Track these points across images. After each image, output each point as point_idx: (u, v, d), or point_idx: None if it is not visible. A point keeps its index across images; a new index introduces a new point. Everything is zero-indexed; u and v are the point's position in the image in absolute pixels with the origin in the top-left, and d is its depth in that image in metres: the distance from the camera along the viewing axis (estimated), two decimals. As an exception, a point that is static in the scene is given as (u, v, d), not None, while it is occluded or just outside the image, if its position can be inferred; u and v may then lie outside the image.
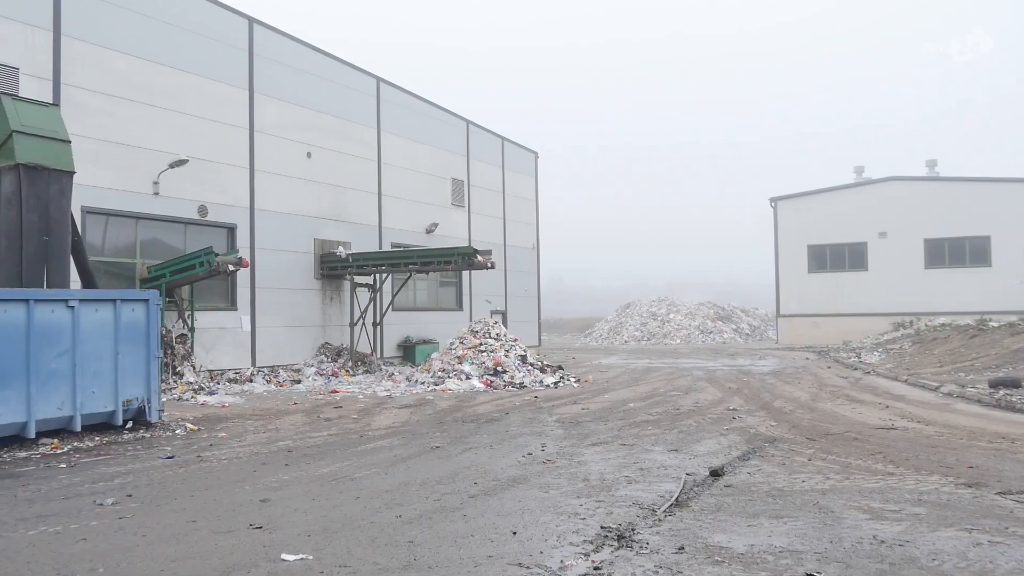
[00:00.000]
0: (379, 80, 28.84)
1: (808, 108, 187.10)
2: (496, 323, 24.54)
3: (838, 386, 20.01)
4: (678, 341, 51.55)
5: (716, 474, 9.05)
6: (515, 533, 6.66)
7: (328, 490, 8.46)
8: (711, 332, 53.29)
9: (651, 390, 19.66)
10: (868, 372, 24.20)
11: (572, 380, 21.99)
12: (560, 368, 23.76)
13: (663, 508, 7.47)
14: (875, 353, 30.15)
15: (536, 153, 40.67)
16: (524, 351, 23.04)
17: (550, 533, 6.66)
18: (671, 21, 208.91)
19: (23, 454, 10.82)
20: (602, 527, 6.81)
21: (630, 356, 36.21)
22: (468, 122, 34.50)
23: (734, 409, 15.48)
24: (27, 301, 11.29)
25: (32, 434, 11.24)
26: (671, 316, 56.07)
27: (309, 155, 25.14)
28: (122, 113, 19.50)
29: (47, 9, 18.03)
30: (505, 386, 20.49)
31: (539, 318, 40.64)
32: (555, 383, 21.08)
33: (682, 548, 6.17)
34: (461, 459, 10.34)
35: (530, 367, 22.16)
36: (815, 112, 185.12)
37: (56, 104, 16.04)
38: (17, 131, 12.21)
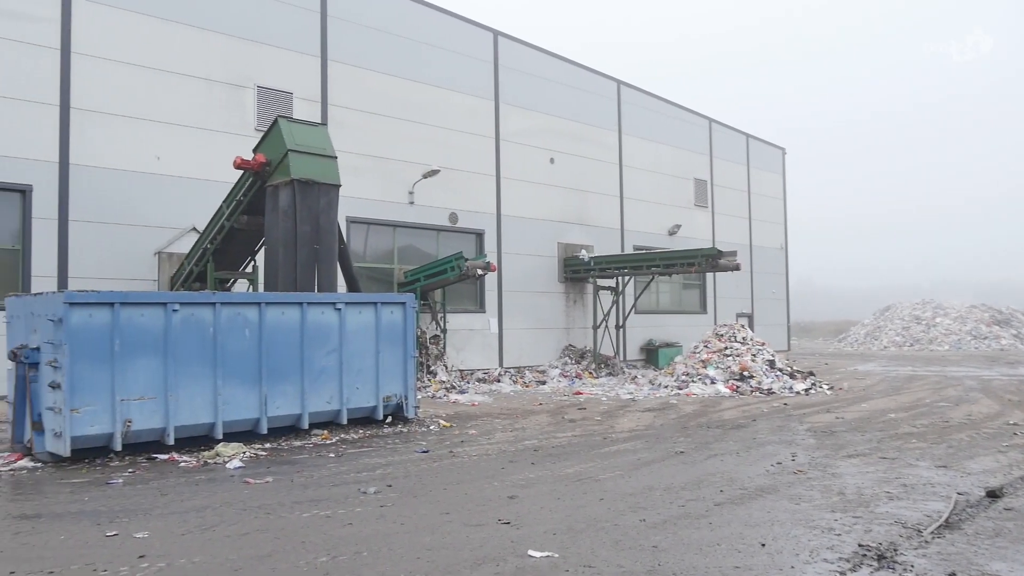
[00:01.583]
0: (619, 83, 28.91)
1: None
2: (742, 326, 23.74)
3: None
4: (946, 347, 47.30)
5: (994, 495, 8.14)
6: (764, 545, 6.37)
7: (573, 490, 8.54)
8: (985, 338, 48.37)
9: (915, 400, 18.16)
10: None
11: (825, 387, 20.80)
12: (811, 374, 22.55)
13: (931, 529, 6.83)
14: None
15: (783, 149, 39.00)
16: (772, 356, 22.11)
17: (802, 548, 6.30)
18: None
19: (298, 443, 11.85)
20: (860, 545, 6.34)
21: (890, 363, 33.71)
22: (711, 120, 33.72)
23: (1015, 424, 13.92)
24: (301, 304, 12.38)
25: (305, 425, 12.31)
26: (937, 320, 51.56)
27: (552, 160, 25.67)
28: (380, 128, 20.94)
29: (315, 37, 19.75)
30: (752, 392, 19.76)
31: (788, 321, 38.90)
32: (806, 390, 20.03)
33: (953, 575, 5.61)
34: (706, 465, 10.08)
35: (778, 372, 21.22)
36: None
37: (324, 123, 17.53)
38: (292, 150, 13.41)
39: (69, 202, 15.85)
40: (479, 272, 19.95)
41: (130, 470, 9.78)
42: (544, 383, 22.44)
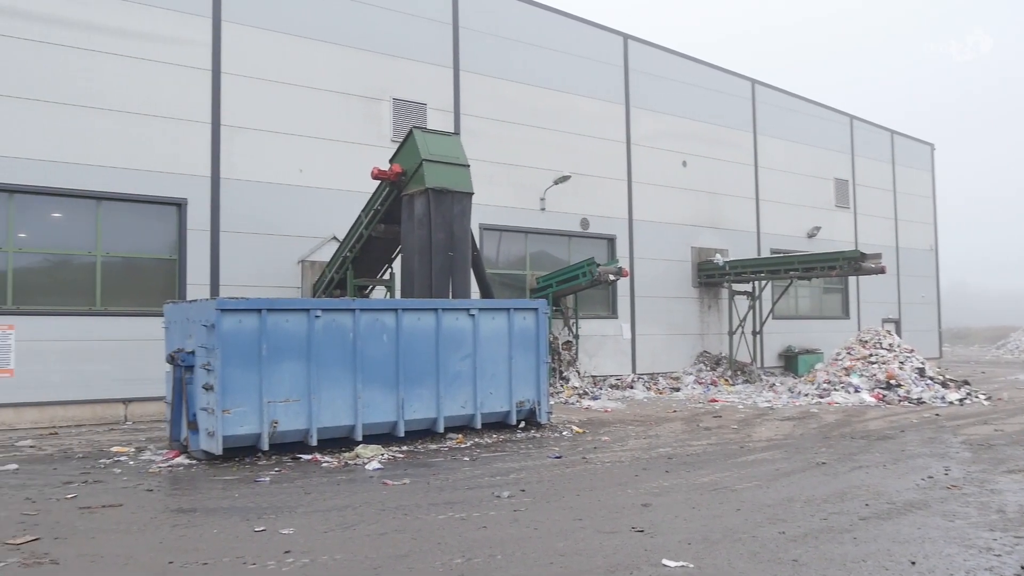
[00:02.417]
0: (754, 82, 28.18)
1: None
2: (888, 332, 22.62)
3: None
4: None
5: None
6: (914, 563, 6.03)
7: (708, 500, 8.35)
8: None
9: (1084, 410, 16.85)
10: None
11: (981, 397, 19.56)
12: (966, 383, 21.24)
13: (1106, 550, 6.31)
14: None
15: (932, 145, 36.98)
16: (921, 363, 20.96)
17: (956, 568, 5.93)
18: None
19: (434, 446, 12.10)
20: (1023, 567, 5.92)
21: (1055, 371, 31.40)
22: (852, 117, 32.37)
23: None
24: (436, 310, 12.65)
25: (441, 429, 12.56)
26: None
27: (684, 163, 25.28)
28: (511, 136, 21.17)
29: (448, 49, 20.18)
30: (899, 401, 18.80)
31: (939, 327, 36.80)
32: (960, 400, 18.89)
33: None
34: (850, 477, 9.65)
35: (929, 381, 20.09)
36: None
37: (456, 133, 17.87)
38: (426, 159, 13.72)
39: (220, 214, 16.76)
40: (611, 277, 19.84)
41: (276, 469, 10.23)
42: (678, 390, 22.10)
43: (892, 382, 19.76)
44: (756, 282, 24.95)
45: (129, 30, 15.89)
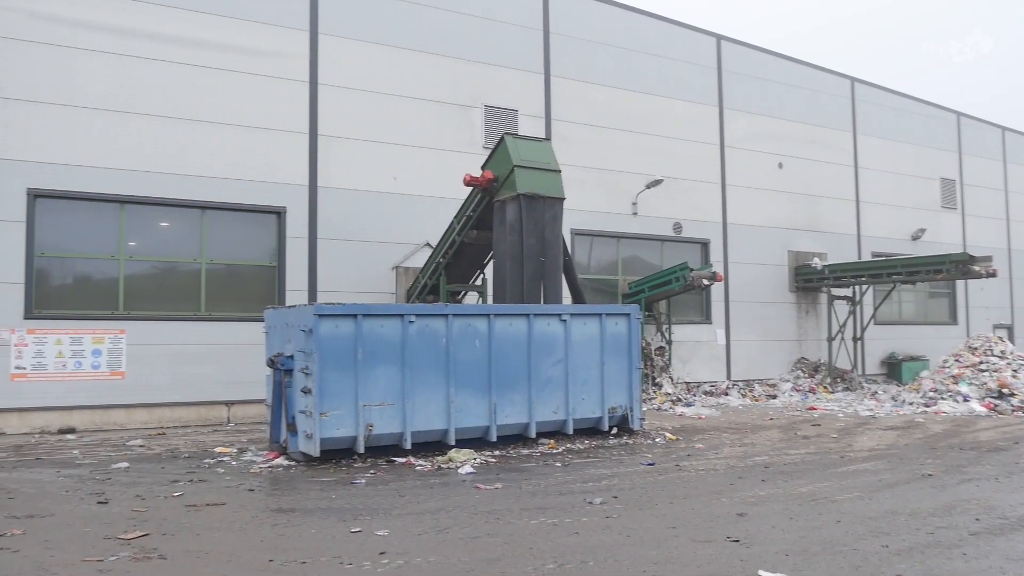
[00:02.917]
0: (853, 80, 27.34)
1: None
2: (1000, 339, 21.58)
3: None
4: None
5: None
6: (1032, 580, 5.73)
7: (807, 510, 8.12)
8: None
9: None
10: None
11: (1103, 406, 18.47)
12: (1086, 392, 20.09)
13: None
14: None
15: (1047, 142, 35.14)
16: (1036, 371, 19.92)
17: (1079, 586, 5.61)
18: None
19: (525, 451, 12.12)
20: None
21: None
22: (959, 114, 31.04)
23: None
24: (528, 316, 12.68)
25: (532, 434, 12.57)
26: None
27: (780, 165, 24.70)
28: (602, 141, 21.08)
29: (538, 55, 20.26)
30: (1013, 411, 17.90)
31: (1055, 333, 34.91)
32: (1079, 409, 17.89)
33: None
34: (958, 490, 9.23)
35: (1045, 389, 19.07)
36: None
37: (548, 138, 17.89)
38: (518, 166, 13.78)
39: (317, 222, 17.20)
40: (705, 282, 19.54)
41: (371, 471, 10.42)
42: (775, 397, 21.59)
43: (1004, 391, 18.83)
44: (856, 286, 24.17)
45: (232, 45, 16.48)
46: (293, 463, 11.03)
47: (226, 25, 16.48)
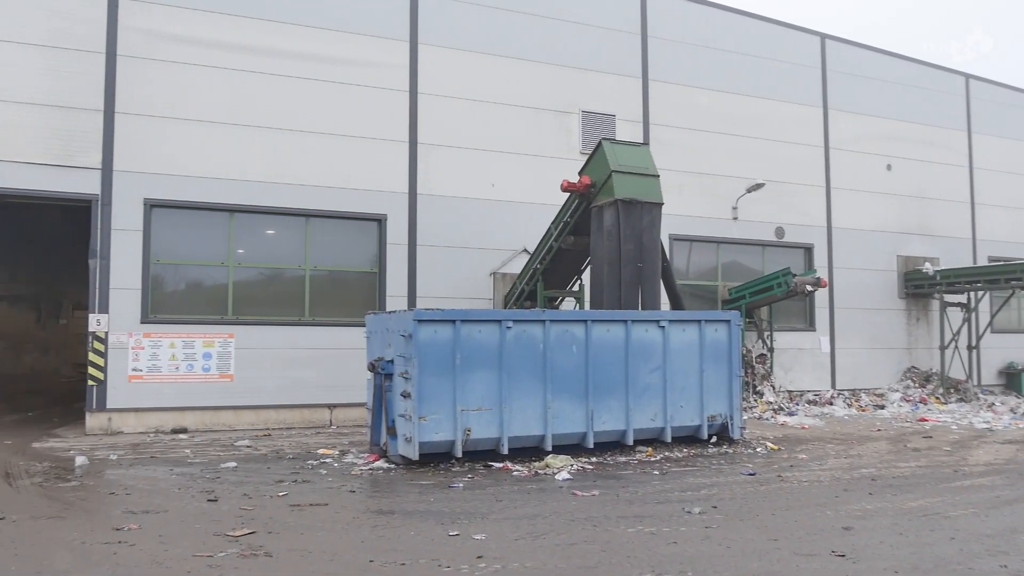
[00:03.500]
0: (968, 77, 26.16)
1: None
2: None
3: None
4: None
5: None
6: None
7: (917, 526, 7.80)
8: None
9: None
10: None
11: None
12: None
13: None
14: None
15: None
16: None
17: None
18: None
19: (623, 458, 12.02)
20: None
21: None
22: (1084, 111, 29.34)
23: None
24: (625, 322, 12.59)
25: (630, 441, 12.46)
26: None
27: (888, 167, 23.83)
28: (701, 144, 20.77)
29: (636, 59, 20.12)
30: None
31: None
32: None
33: None
34: (1086, 508, 8.72)
35: None
36: None
37: (645, 143, 17.74)
38: (615, 171, 13.72)
39: (417, 228, 17.49)
40: (808, 288, 19.01)
41: (469, 476, 10.51)
42: (882, 407, 20.82)
43: None
44: (972, 293, 23.09)
45: (336, 58, 16.94)
46: (393, 466, 11.23)
47: (330, 38, 16.95)
